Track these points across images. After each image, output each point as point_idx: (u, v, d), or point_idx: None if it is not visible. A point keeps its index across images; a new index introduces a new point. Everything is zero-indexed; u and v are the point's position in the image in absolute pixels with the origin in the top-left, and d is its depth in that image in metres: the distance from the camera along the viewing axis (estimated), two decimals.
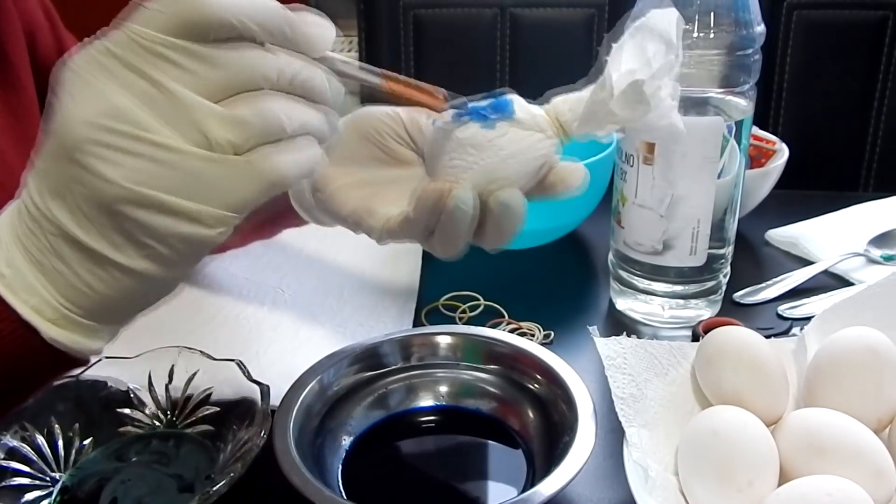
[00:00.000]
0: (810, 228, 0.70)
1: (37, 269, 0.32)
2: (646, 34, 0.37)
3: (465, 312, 0.61)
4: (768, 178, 0.68)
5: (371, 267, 0.68)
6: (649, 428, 0.41)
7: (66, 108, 0.30)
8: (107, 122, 0.29)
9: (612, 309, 0.62)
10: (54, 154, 0.31)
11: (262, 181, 0.31)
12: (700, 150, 0.52)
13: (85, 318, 0.33)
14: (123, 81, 0.29)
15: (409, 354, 0.50)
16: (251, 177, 0.31)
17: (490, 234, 0.40)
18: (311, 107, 0.33)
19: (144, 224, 0.30)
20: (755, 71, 0.52)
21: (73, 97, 0.30)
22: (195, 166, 0.30)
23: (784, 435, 0.40)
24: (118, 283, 0.32)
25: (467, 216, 0.38)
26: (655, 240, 0.55)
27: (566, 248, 0.72)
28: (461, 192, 0.38)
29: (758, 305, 0.61)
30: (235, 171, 0.31)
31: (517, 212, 0.38)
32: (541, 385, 0.46)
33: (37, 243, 0.32)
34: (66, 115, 0.30)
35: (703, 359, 0.44)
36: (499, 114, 0.38)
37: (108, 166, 0.29)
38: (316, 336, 0.58)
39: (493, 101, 0.38)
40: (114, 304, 0.33)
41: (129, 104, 0.29)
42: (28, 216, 0.32)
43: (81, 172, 0.30)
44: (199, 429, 0.46)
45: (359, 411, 0.48)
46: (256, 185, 0.31)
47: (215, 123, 0.30)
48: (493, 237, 0.40)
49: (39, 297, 0.32)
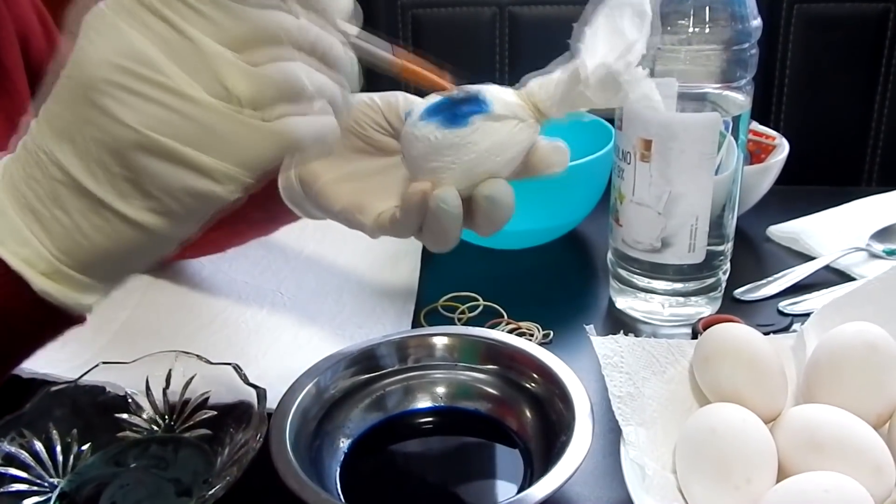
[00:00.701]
0: (812, 224, 0.69)
1: (32, 218, 0.31)
2: (618, 10, 0.36)
3: (465, 313, 0.61)
4: (768, 173, 0.67)
5: (370, 269, 0.68)
6: (647, 426, 0.41)
7: (84, 49, 0.29)
8: (126, 64, 0.29)
9: (612, 308, 0.62)
10: (68, 95, 0.30)
11: (279, 141, 0.31)
12: (697, 146, 0.51)
13: (79, 273, 0.32)
14: (145, 25, 0.29)
15: (406, 356, 0.50)
16: (267, 135, 0.30)
17: (481, 224, 0.40)
18: (331, 74, 0.33)
19: (155, 173, 0.30)
20: (752, 65, 0.52)
21: (92, 38, 0.29)
22: (212, 118, 0.29)
23: (782, 432, 0.40)
24: (119, 235, 0.31)
25: (451, 215, 0.37)
26: (654, 237, 0.55)
27: (565, 247, 0.72)
28: (442, 192, 0.37)
29: (758, 302, 0.60)
30: (252, 127, 0.30)
31: (504, 202, 0.38)
32: (538, 384, 0.46)
33: (36, 189, 0.31)
34: (85, 54, 0.29)
35: (701, 356, 0.43)
36: (471, 111, 0.37)
37: (124, 109, 0.29)
38: (315, 338, 0.58)
39: (463, 99, 0.38)
40: (111, 258, 0.32)
41: (149, 48, 0.29)
42: (30, 160, 0.31)
43: (95, 113, 0.29)
44: (196, 433, 0.46)
45: (356, 414, 0.47)
46: (272, 145, 0.31)
47: (236, 75, 0.29)
48: (484, 227, 0.40)
49: (31, 249, 0.31)
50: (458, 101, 0.37)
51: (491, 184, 0.37)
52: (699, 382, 0.44)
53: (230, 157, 0.30)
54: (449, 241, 0.40)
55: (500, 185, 0.37)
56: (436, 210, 0.37)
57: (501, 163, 0.37)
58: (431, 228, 0.39)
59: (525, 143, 0.38)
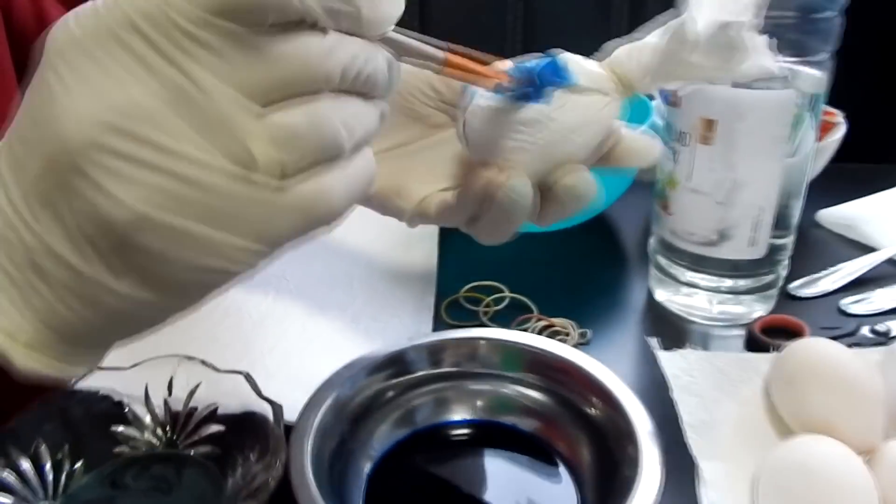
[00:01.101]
0: (866, 208, 0.64)
1: (7, 282, 0.25)
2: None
3: (490, 306, 0.55)
4: (823, 154, 0.62)
5: (383, 251, 0.61)
6: (722, 459, 0.36)
7: (66, 96, 0.23)
8: (120, 123, 0.22)
9: (651, 300, 0.56)
10: (47, 155, 0.23)
11: (308, 214, 0.24)
12: (768, 128, 0.45)
13: (64, 345, 0.26)
14: (147, 68, 0.22)
15: (439, 361, 0.44)
16: (294, 206, 0.24)
17: (550, 216, 0.34)
18: (369, 106, 0.26)
19: (156, 252, 0.24)
20: (834, 37, 0.45)
21: (70, 84, 0.23)
22: (229, 190, 0.23)
23: (884, 469, 0.35)
24: (112, 309, 0.25)
25: (522, 208, 0.32)
26: (710, 229, 0.49)
27: (594, 231, 0.66)
28: (515, 180, 0.31)
29: (816, 299, 0.55)
30: (277, 199, 0.24)
31: (588, 195, 0.33)
32: (593, 405, 0.40)
33: (8, 251, 0.25)
34: (67, 105, 0.23)
35: (783, 378, 0.38)
36: (555, 84, 0.31)
37: (118, 183, 0.23)
38: (325, 333, 0.52)
39: (544, 68, 0.31)
40: (102, 330, 0.27)
41: (151, 100, 0.22)
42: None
43: (83, 185, 0.23)
44: (202, 450, 0.40)
45: (382, 430, 0.42)
46: (300, 219, 0.24)
47: (261, 136, 0.23)
48: (553, 219, 0.34)
49: (9, 318, 0.25)
50: (539, 76, 0.30)
51: (573, 172, 0.31)
52: (779, 407, 0.38)
53: (248, 233, 0.24)
54: (509, 234, 0.34)
55: (584, 176, 0.31)
56: (504, 201, 0.31)
57: (584, 146, 0.31)
58: (493, 220, 0.33)
59: (609, 122, 0.32)
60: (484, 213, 0.33)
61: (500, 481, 0.41)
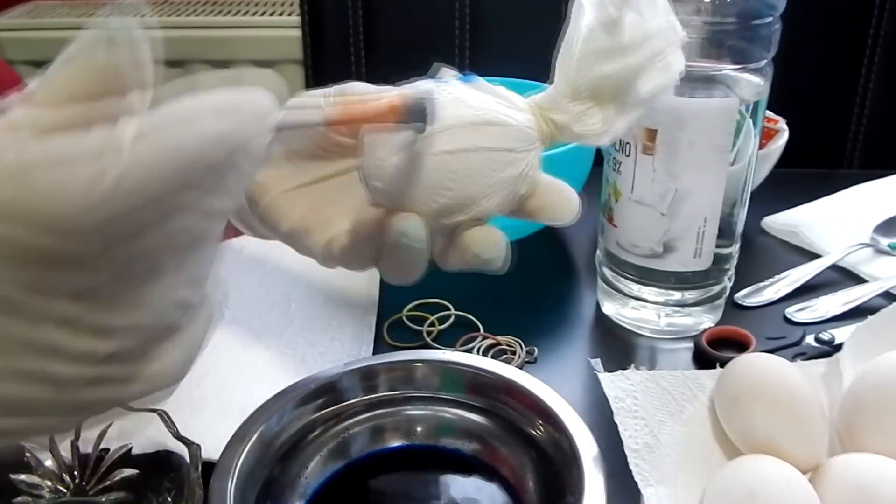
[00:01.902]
0: (810, 214, 0.64)
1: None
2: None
3: (434, 325, 0.53)
4: (768, 160, 0.61)
5: (322, 271, 0.58)
6: (667, 484, 0.34)
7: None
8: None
9: (600, 315, 0.55)
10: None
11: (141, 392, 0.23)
12: (710, 137, 0.44)
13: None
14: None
15: (374, 386, 0.42)
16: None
17: (455, 264, 0.33)
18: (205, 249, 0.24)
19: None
20: (774, 43, 0.44)
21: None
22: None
23: (828, 487, 0.33)
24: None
25: (416, 251, 0.30)
26: (655, 241, 0.48)
27: (541, 243, 0.64)
28: (406, 223, 0.30)
29: (762, 308, 0.54)
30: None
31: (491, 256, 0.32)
32: (537, 428, 0.38)
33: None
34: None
35: (727, 396, 0.37)
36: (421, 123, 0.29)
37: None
38: (260, 361, 0.49)
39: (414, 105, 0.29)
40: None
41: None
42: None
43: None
44: (114, 496, 0.37)
45: (314, 464, 0.39)
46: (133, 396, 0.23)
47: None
48: (458, 267, 0.33)
49: None
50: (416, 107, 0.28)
51: (476, 230, 0.30)
52: (724, 425, 0.37)
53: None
54: (410, 276, 0.33)
55: (487, 234, 0.30)
56: (396, 244, 0.30)
57: (490, 194, 0.29)
58: (391, 262, 0.32)
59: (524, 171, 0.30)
60: (382, 255, 0.31)
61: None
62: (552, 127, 0.31)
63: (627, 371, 0.38)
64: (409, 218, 0.29)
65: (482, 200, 0.30)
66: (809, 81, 0.89)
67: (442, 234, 0.31)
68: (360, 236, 0.31)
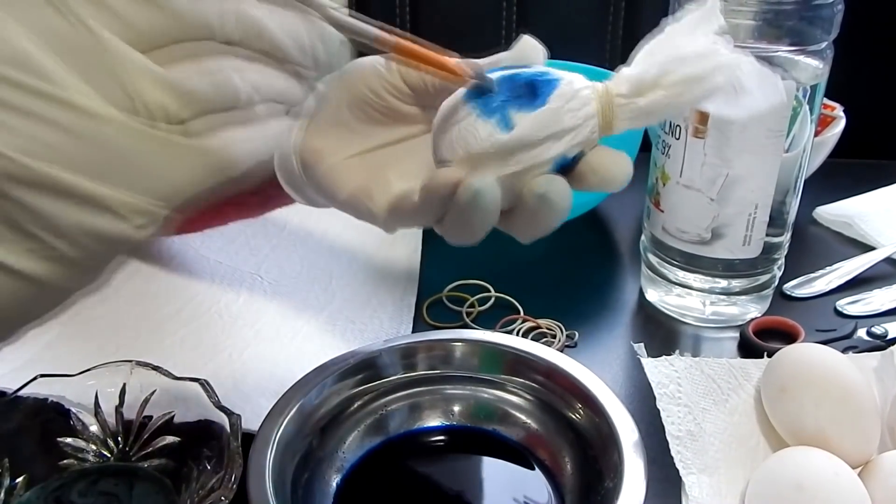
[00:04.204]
0: (864, 205, 0.61)
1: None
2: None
3: (474, 306, 0.53)
4: (823, 148, 0.59)
5: (364, 249, 0.59)
6: (709, 472, 0.34)
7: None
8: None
9: (642, 301, 0.54)
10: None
11: (206, 164, 0.23)
12: (764, 121, 0.43)
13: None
14: (28, 12, 0.21)
15: (414, 364, 0.42)
16: (191, 157, 0.23)
17: (522, 226, 0.31)
18: (276, 67, 0.24)
19: (37, 210, 0.21)
20: (836, 25, 0.43)
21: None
22: (117, 138, 0.22)
23: (878, 483, 0.32)
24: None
25: (485, 207, 0.29)
26: (703, 227, 0.46)
27: (585, 227, 0.63)
28: (479, 182, 0.29)
29: (812, 299, 0.53)
30: (170, 147, 0.22)
31: (560, 205, 0.30)
32: (577, 412, 0.38)
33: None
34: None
35: (775, 386, 0.36)
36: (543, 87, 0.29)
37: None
38: (299, 335, 0.49)
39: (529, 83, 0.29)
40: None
41: (31, 46, 0.21)
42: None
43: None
44: (156, 462, 0.38)
45: (352, 439, 0.40)
46: (197, 169, 0.23)
47: (150, 83, 0.22)
48: (526, 230, 0.32)
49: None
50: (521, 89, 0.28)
51: (547, 179, 0.29)
52: (770, 416, 0.36)
53: (141, 187, 0.22)
54: (474, 237, 0.32)
55: (558, 183, 0.29)
56: (466, 204, 0.29)
57: (555, 154, 0.29)
58: (457, 219, 0.31)
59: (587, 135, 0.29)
60: (448, 212, 0.30)
61: (479, 492, 0.39)
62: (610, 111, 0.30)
63: (671, 357, 0.38)
64: (483, 178, 0.29)
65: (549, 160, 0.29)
66: (869, 67, 0.85)
67: (509, 192, 0.30)
68: (434, 195, 0.30)
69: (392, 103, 0.35)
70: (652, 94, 0.29)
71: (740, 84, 0.28)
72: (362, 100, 0.35)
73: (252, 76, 0.24)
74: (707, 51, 0.28)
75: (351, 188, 0.34)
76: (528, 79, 0.29)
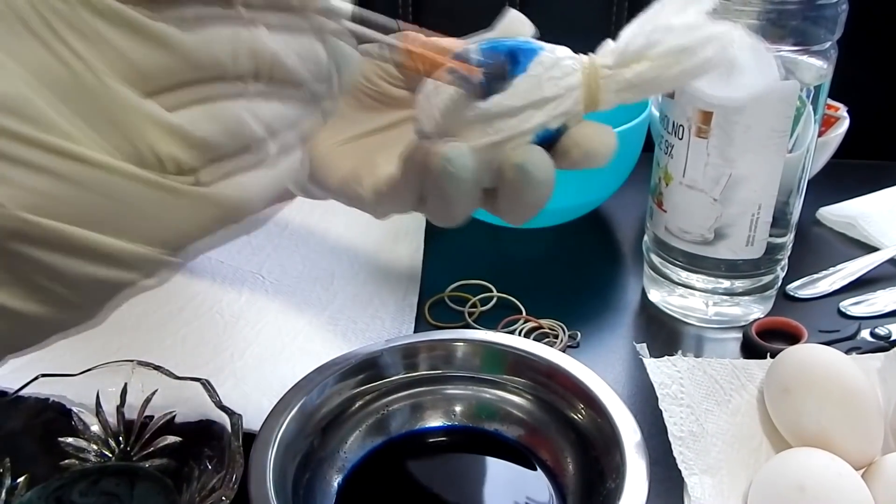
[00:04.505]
0: (868, 206, 0.61)
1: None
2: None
3: (476, 306, 0.53)
4: (826, 149, 0.59)
5: (366, 248, 0.59)
6: (711, 473, 0.34)
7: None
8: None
9: (645, 301, 0.54)
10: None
11: (217, 212, 0.22)
12: (768, 121, 0.43)
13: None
14: (27, 53, 0.19)
15: (415, 364, 0.42)
16: (203, 206, 0.21)
17: (507, 204, 0.31)
18: (291, 96, 0.23)
19: (40, 263, 0.20)
20: (840, 25, 0.43)
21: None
22: (124, 189, 0.20)
23: (881, 485, 0.32)
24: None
25: (460, 179, 0.29)
26: (706, 227, 0.46)
27: (588, 228, 0.63)
28: (451, 149, 0.28)
29: (815, 300, 0.52)
30: (182, 198, 0.21)
31: (539, 176, 0.29)
32: (579, 412, 0.38)
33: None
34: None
35: (778, 387, 0.35)
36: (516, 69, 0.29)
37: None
38: (301, 335, 0.49)
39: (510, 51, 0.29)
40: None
41: (30, 91, 0.19)
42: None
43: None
44: (157, 462, 0.38)
45: (353, 439, 0.39)
46: (207, 216, 0.22)
47: (158, 133, 0.20)
48: (511, 207, 0.31)
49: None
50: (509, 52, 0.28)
51: (526, 150, 0.28)
52: (773, 417, 0.36)
53: (150, 237, 0.21)
54: (454, 213, 0.31)
55: (538, 154, 0.28)
56: (440, 174, 0.28)
57: (536, 124, 0.28)
58: (436, 195, 0.30)
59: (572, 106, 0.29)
60: (426, 186, 0.30)
61: (480, 492, 0.39)
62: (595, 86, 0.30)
63: (674, 357, 0.37)
64: (455, 144, 0.28)
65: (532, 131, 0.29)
66: (873, 67, 0.85)
67: (491, 168, 0.30)
68: (410, 167, 0.30)
69: (384, 88, 0.35)
70: (638, 65, 0.28)
71: (733, 60, 0.28)
72: (355, 87, 0.34)
73: (265, 113, 0.22)
74: (696, 22, 0.28)
75: (342, 174, 0.34)
76: (510, 48, 0.29)
